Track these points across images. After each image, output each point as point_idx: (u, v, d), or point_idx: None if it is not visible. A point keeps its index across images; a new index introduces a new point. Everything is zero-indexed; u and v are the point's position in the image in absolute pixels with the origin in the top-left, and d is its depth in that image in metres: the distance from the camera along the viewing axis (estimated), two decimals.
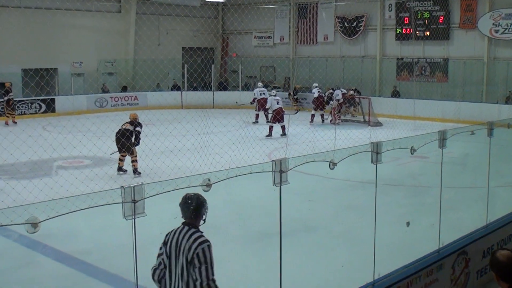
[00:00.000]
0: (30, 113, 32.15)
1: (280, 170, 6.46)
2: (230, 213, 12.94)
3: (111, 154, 18.19)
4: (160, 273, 6.00)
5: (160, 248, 6.07)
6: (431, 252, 8.62)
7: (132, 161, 17.65)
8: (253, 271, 9.89)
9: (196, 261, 5.79)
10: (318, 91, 31.01)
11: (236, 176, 6.32)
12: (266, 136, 25.62)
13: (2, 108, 30.08)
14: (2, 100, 29.53)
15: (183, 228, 6.03)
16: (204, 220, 6.21)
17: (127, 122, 17.91)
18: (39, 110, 32.76)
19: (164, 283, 5.95)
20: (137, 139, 17.75)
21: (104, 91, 37.60)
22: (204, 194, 6.10)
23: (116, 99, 36.99)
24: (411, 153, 8.47)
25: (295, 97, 36.50)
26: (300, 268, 9.68)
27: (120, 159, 17.92)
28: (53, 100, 33.50)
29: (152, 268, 6.06)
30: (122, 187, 5.29)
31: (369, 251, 7.75)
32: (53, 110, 33.13)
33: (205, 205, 6.10)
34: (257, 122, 29.79)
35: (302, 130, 26.99)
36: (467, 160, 18.35)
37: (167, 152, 18.76)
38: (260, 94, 30.39)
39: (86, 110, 33.36)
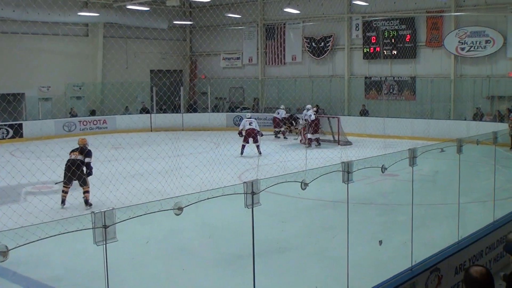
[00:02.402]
0: None
1: (252, 191, 6.43)
2: (202, 236, 12.89)
3: (56, 183, 17.56)
4: None
5: None
6: (404, 270, 8.62)
7: (84, 192, 16.63)
8: None
9: None
10: (315, 114, 30.30)
11: (208, 198, 6.28)
12: (240, 155, 25.89)
13: None
14: None
15: None
16: None
17: (75, 150, 16.93)
18: (6, 136, 32.39)
19: None
20: (89, 169, 16.75)
21: (73, 115, 37.30)
22: (175, 218, 6.05)
23: (85, 123, 36.72)
24: (382, 172, 8.48)
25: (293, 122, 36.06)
26: None
27: (63, 191, 16.69)
28: (20, 126, 33.16)
29: None
30: (92, 212, 5.22)
31: (342, 270, 7.73)
32: (21, 136, 32.77)
33: None
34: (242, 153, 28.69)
35: (273, 151, 27.01)
36: (437, 177, 18.47)
37: (137, 176, 18.66)
38: (249, 124, 29.15)
39: (55, 135, 33.05)
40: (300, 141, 30.83)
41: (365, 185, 16.64)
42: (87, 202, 16.57)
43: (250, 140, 26.45)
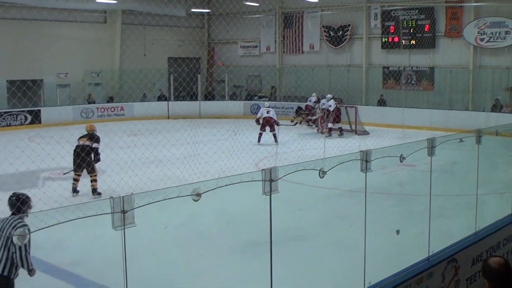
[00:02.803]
0: (16, 125, 32.02)
1: (270, 179, 6.44)
2: (219, 223, 12.92)
3: (64, 173, 17.59)
4: None
5: None
6: (421, 260, 8.60)
7: (92, 181, 16.51)
8: (242, 280, 9.85)
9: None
10: (335, 103, 30.24)
11: (226, 185, 6.28)
12: (257, 142, 26.02)
13: None
14: None
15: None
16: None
17: (83, 136, 16.74)
18: (24, 122, 32.61)
19: None
20: (97, 155, 16.67)
21: (90, 102, 37.43)
22: (193, 204, 6.07)
23: (102, 110, 36.87)
24: (401, 161, 8.45)
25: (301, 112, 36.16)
26: (290, 278, 9.65)
27: (74, 179, 16.64)
28: (39, 111, 33.38)
29: None
30: (111, 197, 5.24)
31: (359, 259, 7.73)
32: (39, 121, 32.98)
33: None
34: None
35: (291, 139, 26.98)
36: (456, 168, 18.39)
37: (156, 162, 18.72)
38: (267, 112, 28.97)
39: (72, 121, 33.13)
40: (317, 130, 30.81)
41: (383, 175, 16.60)
42: (94, 191, 16.44)
43: (267, 128, 26.54)
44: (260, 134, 26.71)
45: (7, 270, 7.46)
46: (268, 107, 28.03)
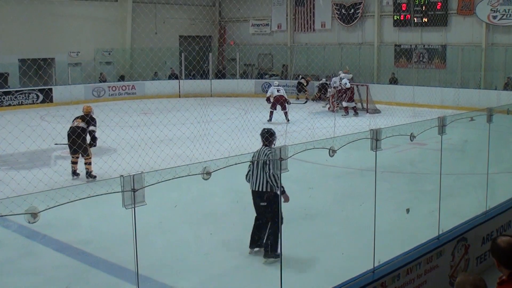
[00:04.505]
0: (28, 103, 32.12)
1: (279, 157, 6.44)
2: (230, 201, 12.97)
3: (56, 143, 17.37)
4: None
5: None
6: (431, 239, 8.62)
7: (86, 163, 16.00)
8: (252, 259, 9.89)
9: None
10: (349, 81, 29.91)
11: (236, 164, 6.31)
12: (268, 121, 25.89)
13: (0, 98, 30.40)
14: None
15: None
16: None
17: (78, 117, 16.22)
18: (36, 100, 32.69)
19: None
20: (94, 139, 16.29)
21: (102, 80, 37.47)
22: (203, 183, 6.09)
23: (114, 88, 36.94)
24: (411, 140, 8.44)
25: (304, 87, 36.14)
26: (300, 256, 9.69)
27: (72, 162, 16.17)
28: (50, 90, 33.46)
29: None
30: (121, 176, 5.26)
31: (369, 238, 7.75)
32: (51, 100, 33.06)
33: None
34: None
35: (301, 118, 26.96)
36: (467, 147, 18.35)
37: (166, 141, 18.75)
38: (277, 91, 27.78)
39: (84, 99, 33.15)
40: (329, 108, 30.74)
41: (393, 154, 16.59)
42: (89, 174, 15.97)
43: (278, 107, 26.55)
44: (271, 113, 26.70)
45: (269, 187, 9.58)
46: (278, 85, 27.99)
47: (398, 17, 35.95)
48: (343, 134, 9.71)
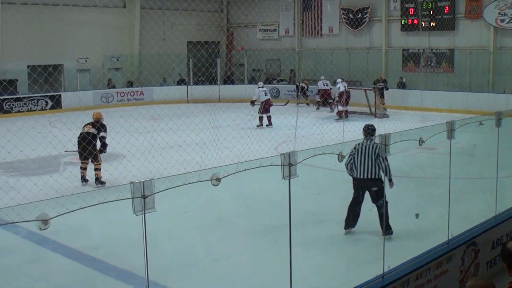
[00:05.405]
0: (37, 110, 32.24)
1: (289, 163, 6.46)
2: (239, 207, 12.97)
3: (66, 151, 17.60)
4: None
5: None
6: (440, 244, 8.61)
7: (95, 169, 16.08)
8: (262, 264, 9.90)
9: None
10: (344, 86, 30.31)
11: (245, 169, 6.32)
12: (257, 126, 26.12)
13: (10, 104, 30.58)
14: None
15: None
16: None
17: (89, 124, 16.34)
18: (45, 107, 32.82)
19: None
20: (104, 145, 16.31)
21: (110, 86, 37.60)
22: (213, 189, 6.11)
23: (122, 94, 37.04)
24: (420, 145, 8.45)
25: (305, 91, 36.21)
26: (309, 261, 9.69)
27: (82, 168, 16.25)
28: (59, 96, 33.60)
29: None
30: (132, 182, 5.29)
31: (378, 243, 7.75)
32: (60, 106, 33.17)
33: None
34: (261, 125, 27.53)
35: (310, 123, 26.95)
36: (475, 151, 18.30)
37: (176, 147, 18.79)
38: (265, 94, 27.94)
39: (93, 105, 33.23)
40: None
41: (402, 158, 16.55)
42: (97, 180, 16.01)
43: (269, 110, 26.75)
44: (261, 118, 26.79)
45: (377, 174, 10.67)
46: (263, 87, 28.26)
47: (405, 22, 35.93)
48: (352, 140, 9.73)
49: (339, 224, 11.56)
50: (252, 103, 27.48)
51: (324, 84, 34.08)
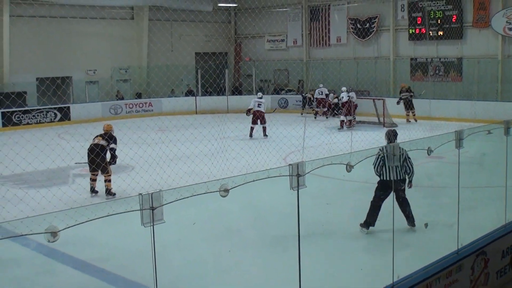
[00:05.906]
0: (46, 122, 32.34)
1: (297, 174, 6.46)
2: (247, 218, 12.95)
3: (76, 162, 17.77)
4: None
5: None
6: (450, 253, 8.58)
7: (106, 181, 15.94)
8: (271, 275, 9.88)
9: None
10: (348, 96, 30.36)
11: (254, 180, 6.32)
12: (250, 137, 26.11)
13: (19, 117, 30.72)
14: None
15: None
16: None
17: (99, 136, 16.25)
18: (54, 119, 32.91)
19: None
20: (114, 157, 16.23)
21: (119, 98, 37.72)
22: (221, 200, 6.11)
23: (131, 105, 37.10)
24: (428, 154, 8.44)
25: (312, 102, 36.18)
26: (318, 272, 9.66)
27: (91, 179, 16.18)
28: (68, 108, 33.69)
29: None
30: (140, 194, 5.30)
31: (388, 253, 7.73)
32: (69, 118, 33.28)
33: None
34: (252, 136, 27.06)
35: (318, 133, 26.94)
36: (484, 160, 18.24)
37: (184, 158, 18.80)
38: (258, 106, 27.51)
39: (101, 117, 33.33)
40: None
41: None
42: (108, 191, 15.92)
43: (258, 121, 26.59)
44: (252, 129, 26.65)
45: (404, 176, 11.37)
46: (261, 98, 28.02)
47: (413, 31, 35.94)
48: (360, 150, 9.72)
49: (348, 234, 11.54)
50: (248, 112, 27.47)
51: (319, 93, 34.26)
